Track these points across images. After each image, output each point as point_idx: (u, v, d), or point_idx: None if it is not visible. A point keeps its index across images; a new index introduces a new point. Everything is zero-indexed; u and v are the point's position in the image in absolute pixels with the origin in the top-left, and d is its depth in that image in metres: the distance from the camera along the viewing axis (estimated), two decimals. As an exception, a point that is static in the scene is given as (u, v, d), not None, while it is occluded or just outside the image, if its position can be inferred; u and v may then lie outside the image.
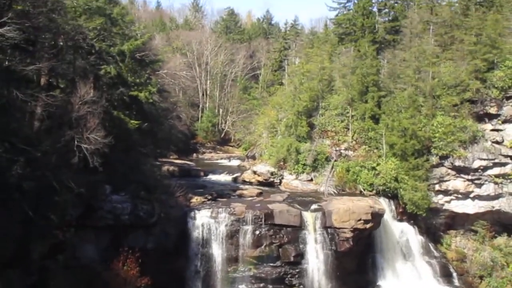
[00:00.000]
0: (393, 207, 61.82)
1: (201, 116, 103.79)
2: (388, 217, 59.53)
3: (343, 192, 62.13)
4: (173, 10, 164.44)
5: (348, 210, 53.53)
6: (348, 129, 66.76)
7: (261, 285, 51.14)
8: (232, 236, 51.13)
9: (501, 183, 61.26)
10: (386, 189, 61.44)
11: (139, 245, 45.46)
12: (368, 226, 53.88)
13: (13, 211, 31.87)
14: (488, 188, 61.53)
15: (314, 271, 52.42)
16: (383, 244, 58.98)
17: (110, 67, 47.50)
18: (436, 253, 61.65)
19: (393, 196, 61.92)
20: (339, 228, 53.24)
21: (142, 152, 52.09)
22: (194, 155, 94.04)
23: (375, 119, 65.32)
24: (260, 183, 67.19)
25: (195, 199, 55.23)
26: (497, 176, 61.12)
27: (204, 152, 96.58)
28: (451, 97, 62.22)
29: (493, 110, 62.23)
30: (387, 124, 62.59)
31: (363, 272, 56.74)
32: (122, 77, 49.42)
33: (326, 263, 52.62)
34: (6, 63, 34.93)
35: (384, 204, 59.71)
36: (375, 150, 64.16)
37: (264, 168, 68.60)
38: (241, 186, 66.03)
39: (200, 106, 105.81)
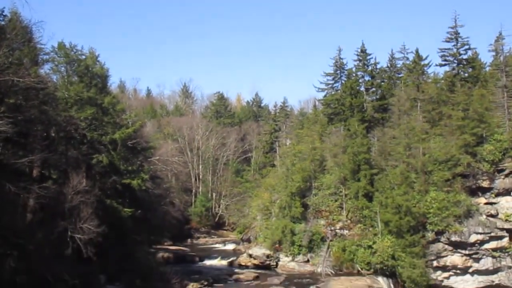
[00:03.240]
0: (392, 286, 60.86)
1: (195, 201, 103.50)
2: (387, 296, 58.72)
3: (340, 272, 61.52)
4: (163, 97, 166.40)
5: (347, 291, 52.93)
6: (342, 208, 66.72)
7: None
8: (230, 322, 50.26)
9: (499, 256, 60.68)
10: (384, 267, 60.69)
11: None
12: (367, 306, 53.13)
13: (6, 307, 31.27)
14: (486, 262, 60.92)
15: None
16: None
17: (102, 156, 47.76)
18: (438, 331, 60.51)
19: (391, 274, 61.05)
20: (339, 310, 52.50)
21: (136, 239, 51.69)
22: (189, 240, 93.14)
23: (369, 197, 65.34)
24: (256, 266, 66.55)
25: (191, 286, 54.58)
26: (494, 249, 60.60)
27: (198, 237, 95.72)
28: (443, 172, 62.47)
29: (485, 184, 62.41)
30: (381, 202, 62.56)
31: None
32: (114, 166, 49.62)
33: None
34: (-1, 156, 35.04)
35: (382, 282, 59.07)
36: (371, 228, 63.85)
37: (259, 251, 68.04)
38: (237, 270, 65.39)
39: (193, 191, 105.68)
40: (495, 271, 61.14)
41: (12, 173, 35.24)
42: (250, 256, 68.29)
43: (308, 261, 65.30)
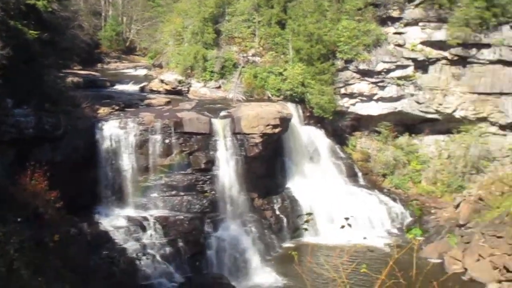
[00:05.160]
0: (301, 112, 62.72)
1: (104, 25, 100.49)
2: (296, 121, 60.50)
3: (251, 98, 62.48)
4: None
5: (257, 116, 54.02)
6: (255, 35, 66.49)
7: (173, 192, 51.19)
8: (142, 145, 50.64)
9: (403, 85, 63.09)
10: (294, 94, 62.12)
11: (46, 158, 44.19)
12: (276, 131, 54.65)
13: None
14: (391, 90, 63.40)
15: (225, 176, 52.99)
16: (292, 148, 60.22)
17: (3, -26, 44.96)
18: (342, 155, 63.71)
19: (300, 100, 62.72)
20: (248, 134, 53.71)
21: (44, 63, 50.20)
22: (99, 65, 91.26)
23: (282, 25, 65.16)
24: (168, 92, 66.41)
25: (102, 110, 54.02)
26: (399, 78, 62.84)
27: (109, 62, 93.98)
28: (355, 1, 62.67)
29: (395, 14, 63.12)
30: (293, 29, 62.72)
31: (272, 176, 58.05)
32: (17, -16, 46.90)
33: (236, 168, 53.21)
34: None
35: (291, 108, 60.51)
36: (282, 56, 64.37)
37: (171, 76, 67.73)
38: (149, 95, 65.01)
39: (103, 14, 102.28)
40: (398, 98, 63.91)
41: None
42: (162, 81, 67.93)
43: (219, 87, 65.70)
